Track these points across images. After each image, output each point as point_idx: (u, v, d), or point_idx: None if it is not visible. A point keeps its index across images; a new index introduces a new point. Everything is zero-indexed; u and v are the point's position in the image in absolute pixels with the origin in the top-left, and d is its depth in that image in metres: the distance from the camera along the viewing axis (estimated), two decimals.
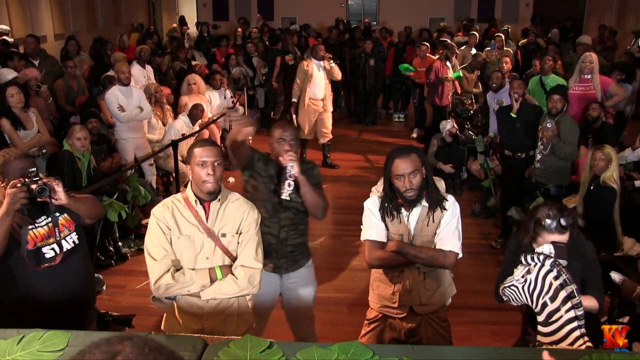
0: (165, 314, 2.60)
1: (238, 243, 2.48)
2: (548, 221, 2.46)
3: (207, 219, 2.45)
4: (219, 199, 2.47)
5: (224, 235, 2.46)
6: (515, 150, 5.21)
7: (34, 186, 2.35)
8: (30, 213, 2.48)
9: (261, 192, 2.91)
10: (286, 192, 2.70)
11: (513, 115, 5.09)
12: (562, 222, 2.45)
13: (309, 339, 3.06)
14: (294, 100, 7.38)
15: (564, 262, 2.35)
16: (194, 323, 2.49)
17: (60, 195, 2.44)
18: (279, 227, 2.92)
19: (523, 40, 10.06)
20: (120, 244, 5.01)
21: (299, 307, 3.10)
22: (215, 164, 2.40)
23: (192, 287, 2.38)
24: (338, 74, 7.38)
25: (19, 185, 2.34)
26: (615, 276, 3.10)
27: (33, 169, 2.42)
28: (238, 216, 2.49)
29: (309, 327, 3.16)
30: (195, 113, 6.24)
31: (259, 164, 2.90)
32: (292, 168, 2.69)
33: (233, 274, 2.44)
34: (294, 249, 3.00)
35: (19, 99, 4.77)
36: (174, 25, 13.79)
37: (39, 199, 2.38)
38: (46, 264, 2.53)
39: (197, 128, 6.33)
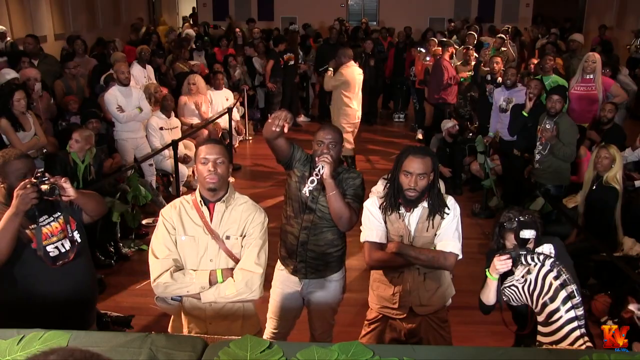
0: (172, 316, 2.59)
1: (242, 246, 2.46)
2: (508, 221, 2.56)
3: (211, 220, 2.45)
4: (224, 201, 2.46)
5: (228, 237, 2.45)
6: (524, 150, 5.22)
7: (44, 187, 2.39)
8: (38, 213, 2.50)
9: (292, 190, 2.90)
10: (307, 188, 2.65)
11: (525, 113, 5.10)
12: (521, 218, 2.53)
13: (323, 342, 3.04)
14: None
15: (530, 234, 2.46)
16: (198, 326, 2.48)
17: (69, 191, 2.48)
18: (300, 228, 2.88)
19: (543, 41, 10.06)
20: (120, 244, 5.00)
21: (316, 313, 3.07)
22: (217, 162, 2.39)
23: (190, 287, 2.37)
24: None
25: (29, 186, 2.37)
26: (636, 311, 3.09)
27: (41, 169, 2.48)
28: (243, 219, 2.47)
29: (325, 332, 3.13)
30: (166, 104, 6.21)
31: (298, 163, 2.89)
32: (322, 169, 2.65)
33: (233, 277, 2.42)
34: (316, 256, 2.90)
35: (22, 104, 4.84)
36: (186, 23, 13.76)
37: (50, 199, 2.42)
38: (61, 261, 2.57)
39: (174, 119, 6.31)
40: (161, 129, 6.08)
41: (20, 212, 2.38)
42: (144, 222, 5.54)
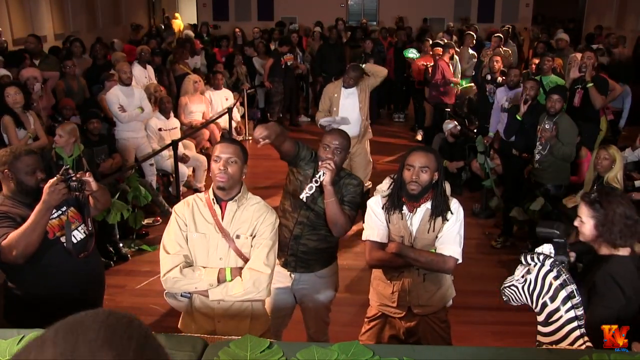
0: (182, 313, 2.61)
1: (251, 246, 2.47)
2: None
3: (222, 219, 2.46)
4: (236, 200, 2.47)
5: (238, 236, 2.46)
6: (522, 150, 5.22)
7: (73, 183, 2.51)
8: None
9: (292, 186, 2.93)
10: (304, 194, 2.68)
11: (519, 117, 5.12)
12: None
13: (319, 341, 3.04)
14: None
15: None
16: (206, 324, 2.49)
17: (93, 185, 2.59)
18: (295, 223, 2.91)
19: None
20: (120, 244, 5.00)
21: (309, 311, 3.08)
22: (229, 161, 2.40)
23: (199, 284, 2.39)
24: (379, 71, 5.55)
25: (60, 182, 2.46)
26: None
27: (68, 166, 2.58)
28: (254, 219, 2.48)
29: (320, 331, 3.14)
30: (164, 107, 6.21)
31: (302, 161, 2.91)
32: (323, 175, 2.67)
33: (241, 276, 2.44)
34: (307, 250, 2.93)
35: (16, 99, 4.77)
36: (187, 24, 13.69)
37: (77, 193, 2.58)
38: (82, 254, 2.67)
39: (173, 120, 6.31)
40: (160, 130, 6.08)
41: (50, 208, 2.48)
42: (144, 222, 5.54)
